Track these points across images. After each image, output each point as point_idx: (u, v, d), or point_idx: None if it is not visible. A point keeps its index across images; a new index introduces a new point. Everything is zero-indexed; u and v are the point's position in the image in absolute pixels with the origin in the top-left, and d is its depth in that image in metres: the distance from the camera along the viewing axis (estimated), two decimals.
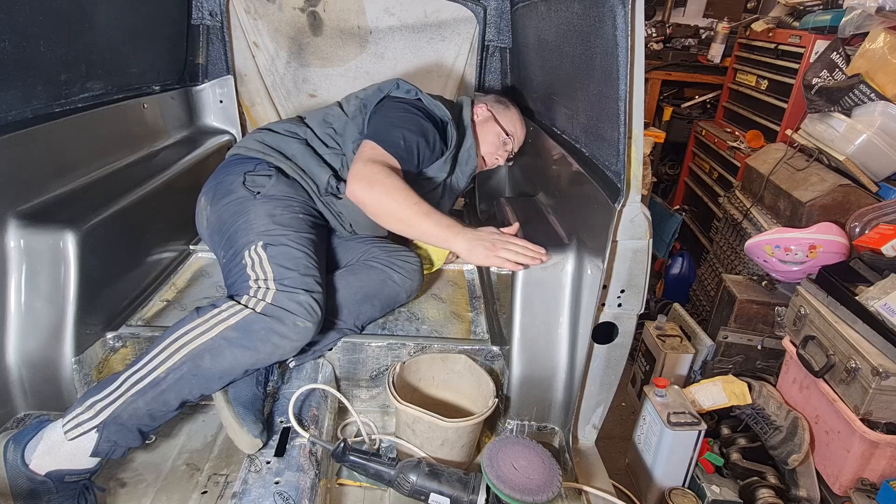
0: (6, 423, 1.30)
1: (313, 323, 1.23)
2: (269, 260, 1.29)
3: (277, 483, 1.12)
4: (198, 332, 1.18)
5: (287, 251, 1.32)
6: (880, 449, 1.40)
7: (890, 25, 2.05)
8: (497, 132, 1.79)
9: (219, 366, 1.17)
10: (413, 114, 1.57)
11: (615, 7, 1.08)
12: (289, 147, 1.59)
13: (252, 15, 2.25)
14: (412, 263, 1.62)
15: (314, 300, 1.25)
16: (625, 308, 1.30)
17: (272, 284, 1.25)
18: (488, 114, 1.81)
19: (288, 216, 1.42)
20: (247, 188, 1.47)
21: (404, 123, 1.53)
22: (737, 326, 1.99)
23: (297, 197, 1.51)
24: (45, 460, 1.06)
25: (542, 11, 1.70)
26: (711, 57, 3.51)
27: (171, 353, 1.15)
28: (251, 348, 1.18)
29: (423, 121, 1.56)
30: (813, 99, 2.21)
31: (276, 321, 1.19)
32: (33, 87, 1.40)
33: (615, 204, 1.15)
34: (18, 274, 1.30)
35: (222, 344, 1.16)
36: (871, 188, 1.98)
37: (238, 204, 1.44)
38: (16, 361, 1.30)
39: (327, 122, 1.66)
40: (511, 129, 1.82)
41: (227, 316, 1.20)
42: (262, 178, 1.50)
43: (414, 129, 1.53)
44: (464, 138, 1.72)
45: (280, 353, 1.22)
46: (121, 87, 1.78)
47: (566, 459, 1.38)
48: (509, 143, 1.82)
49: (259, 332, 1.18)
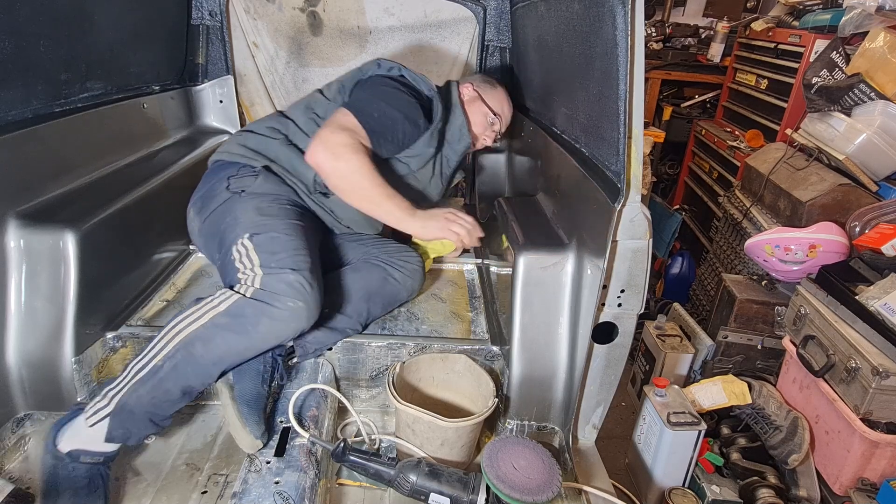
0: (6, 423, 1.30)
1: (305, 302, 1.21)
2: (255, 249, 1.29)
3: (277, 483, 1.12)
4: (190, 319, 1.20)
5: (273, 237, 1.31)
6: (880, 449, 1.39)
7: (890, 25, 2.05)
8: (484, 112, 1.77)
9: (211, 352, 1.17)
10: (394, 88, 1.53)
11: (615, 7, 1.08)
12: (271, 148, 1.56)
13: (252, 15, 2.25)
14: (413, 263, 1.62)
15: (304, 279, 1.22)
16: (625, 308, 1.29)
17: (258, 270, 1.24)
18: (475, 94, 1.78)
19: (275, 207, 1.41)
20: (231, 191, 1.45)
21: (384, 97, 1.50)
22: (737, 326, 1.99)
23: (285, 193, 1.50)
24: (69, 442, 1.15)
25: (542, 11, 1.70)
26: (711, 56, 3.51)
27: (167, 341, 1.18)
28: (241, 333, 1.17)
29: (404, 95, 1.53)
30: (813, 98, 2.21)
31: (266, 304, 1.18)
32: (33, 87, 1.40)
33: (615, 204, 1.15)
34: (18, 274, 1.30)
35: (213, 330, 1.18)
36: (871, 187, 1.98)
37: (224, 206, 1.43)
38: (16, 361, 1.30)
39: (311, 108, 1.62)
40: (498, 110, 1.80)
41: (218, 303, 1.21)
42: (248, 179, 1.48)
43: (393, 103, 1.50)
44: (451, 115, 1.70)
45: (275, 336, 1.21)
46: (121, 87, 1.78)
47: (566, 459, 1.38)
48: (497, 123, 1.80)
49: (249, 316, 1.18)
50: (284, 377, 1.36)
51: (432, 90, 1.61)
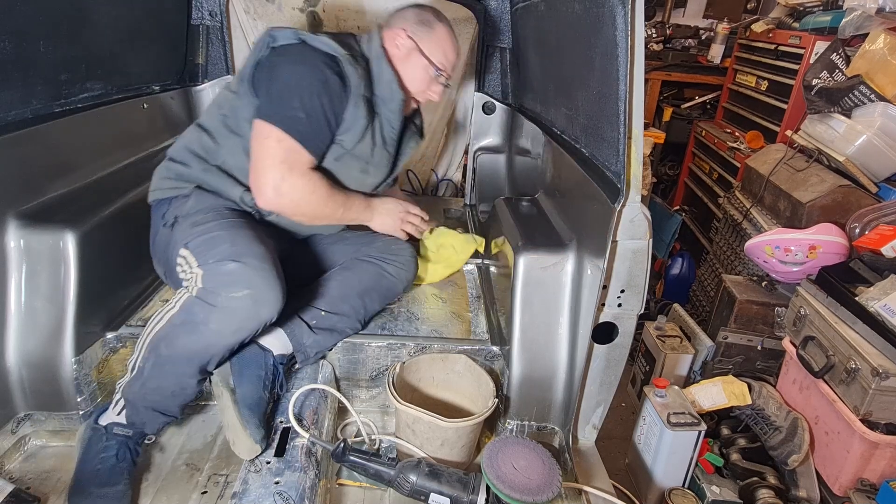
0: (6, 423, 1.30)
1: (252, 288, 1.16)
2: (192, 253, 1.23)
3: (277, 483, 1.12)
4: (155, 322, 1.23)
5: (209, 237, 1.24)
6: (880, 449, 1.39)
7: (890, 26, 2.05)
8: (424, 66, 1.49)
9: (176, 352, 1.19)
10: (302, 65, 1.32)
11: (615, 7, 1.08)
12: (192, 174, 1.42)
13: (252, 15, 2.25)
14: (405, 254, 1.61)
15: (247, 265, 1.16)
16: (625, 308, 1.29)
17: (197, 269, 1.20)
18: (411, 44, 1.47)
19: (211, 215, 1.32)
20: (168, 225, 1.37)
21: (297, 86, 1.31)
22: (737, 327, 1.99)
23: (223, 205, 1.39)
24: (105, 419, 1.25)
25: (542, 11, 1.70)
26: (711, 57, 3.51)
27: (142, 344, 1.23)
28: (195, 332, 1.17)
29: (317, 72, 1.32)
30: (813, 100, 2.21)
31: (210, 301, 1.16)
32: (33, 87, 1.39)
33: (615, 204, 1.15)
34: (18, 274, 1.30)
35: (172, 331, 1.19)
36: (871, 189, 1.99)
37: (167, 240, 1.36)
38: (16, 361, 1.30)
39: (221, 108, 1.44)
40: (441, 60, 1.51)
41: (174, 303, 1.23)
42: (180, 206, 1.38)
43: (308, 88, 1.31)
44: (374, 74, 1.45)
45: (232, 329, 1.18)
46: (121, 87, 1.78)
47: (566, 459, 1.37)
48: (442, 76, 1.53)
49: (199, 314, 1.17)
50: (284, 385, 1.36)
51: (338, 51, 1.36)
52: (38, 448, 1.35)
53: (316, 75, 1.32)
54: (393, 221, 1.60)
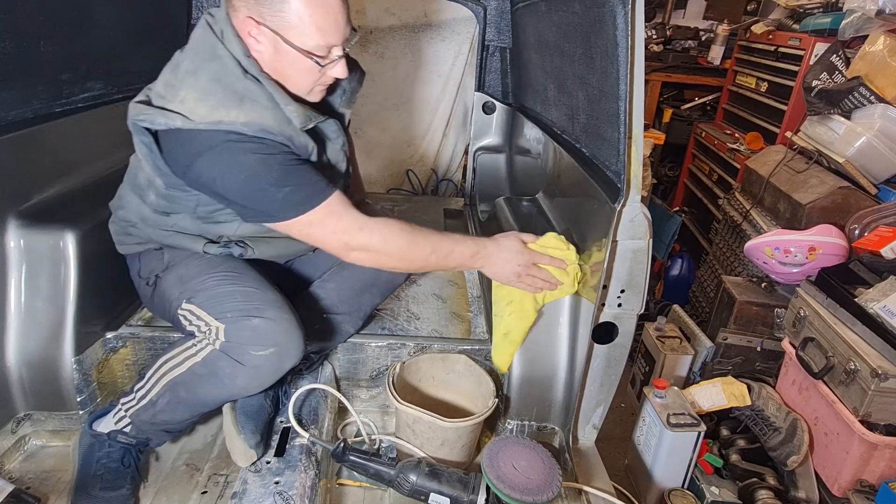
0: (6, 423, 1.30)
1: (276, 345, 1.13)
2: (200, 308, 1.17)
3: (277, 483, 1.12)
4: (172, 363, 1.18)
5: (213, 293, 1.18)
6: (879, 450, 1.39)
7: (890, 28, 2.05)
8: (296, 58, 1.10)
9: (195, 397, 1.18)
10: (245, 154, 1.07)
11: (615, 7, 1.08)
12: (150, 235, 1.29)
13: None
14: None
15: (269, 319, 1.13)
16: (625, 308, 1.30)
17: (216, 323, 1.14)
18: (268, 34, 1.08)
19: (196, 269, 1.24)
20: (149, 284, 1.30)
21: (263, 173, 1.08)
22: (736, 328, 2.00)
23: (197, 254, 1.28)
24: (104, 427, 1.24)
25: (542, 11, 1.70)
26: (711, 59, 3.51)
27: (157, 379, 1.19)
28: (220, 386, 1.16)
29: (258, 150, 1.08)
30: (813, 101, 2.21)
31: (235, 360, 1.12)
32: (33, 87, 1.39)
33: (615, 204, 1.16)
34: (18, 274, 1.30)
35: (193, 378, 1.16)
36: (871, 190, 1.99)
37: (152, 296, 1.30)
38: (16, 361, 1.30)
39: (154, 188, 1.21)
40: (318, 42, 1.09)
41: (195, 351, 1.17)
42: (153, 263, 1.30)
43: (251, 166, 1.07)
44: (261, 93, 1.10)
45: (258, 384, 1.18)
46: (121, 87, 1.78)
47: (566, 459, 1.38)
48: (329, 65, 1.14)
49: (225, 369, 1.13)
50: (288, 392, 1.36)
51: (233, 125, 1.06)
52: (38, 448, 1.35)
53: (246, 156, 1.07)
54: (512, 272, 1.30)
